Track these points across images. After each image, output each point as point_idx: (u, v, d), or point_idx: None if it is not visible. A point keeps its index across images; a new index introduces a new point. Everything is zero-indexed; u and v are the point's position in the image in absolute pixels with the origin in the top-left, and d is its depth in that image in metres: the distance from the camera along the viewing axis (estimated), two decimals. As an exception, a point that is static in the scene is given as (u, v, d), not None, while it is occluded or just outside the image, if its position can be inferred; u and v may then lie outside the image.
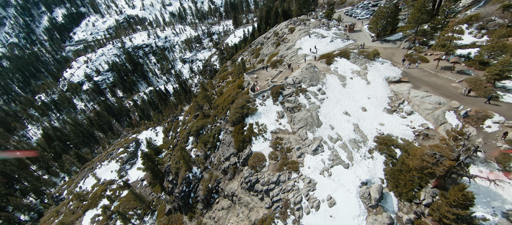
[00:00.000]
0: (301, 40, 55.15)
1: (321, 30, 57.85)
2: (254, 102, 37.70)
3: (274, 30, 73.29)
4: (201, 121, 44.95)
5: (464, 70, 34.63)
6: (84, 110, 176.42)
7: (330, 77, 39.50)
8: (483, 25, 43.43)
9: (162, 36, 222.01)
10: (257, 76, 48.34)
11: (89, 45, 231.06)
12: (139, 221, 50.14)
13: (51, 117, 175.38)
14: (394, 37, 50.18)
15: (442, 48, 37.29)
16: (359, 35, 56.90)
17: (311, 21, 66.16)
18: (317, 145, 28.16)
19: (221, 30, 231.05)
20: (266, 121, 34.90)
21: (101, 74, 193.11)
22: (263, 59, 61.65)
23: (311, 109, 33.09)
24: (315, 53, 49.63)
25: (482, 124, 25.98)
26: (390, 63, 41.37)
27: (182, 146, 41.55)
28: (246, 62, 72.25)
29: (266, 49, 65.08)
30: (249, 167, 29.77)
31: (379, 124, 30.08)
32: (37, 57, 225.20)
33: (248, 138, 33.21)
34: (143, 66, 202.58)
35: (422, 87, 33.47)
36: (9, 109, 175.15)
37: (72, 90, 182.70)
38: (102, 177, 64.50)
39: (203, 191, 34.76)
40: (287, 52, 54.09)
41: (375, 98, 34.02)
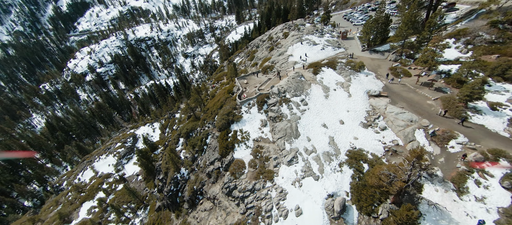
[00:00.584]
0: (293, 46, 56.21)
1: (313, 37, 58.72)
2: (240, 109, 39.43)
3: (269, 34, 74.19)
4: (192, 123, 46.92)
5: (442, 87, 35.78)
6: (87, 101, 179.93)
7: (314, 88, 40.90)
8: (470, 40, 44.13)
9: (164, 30, 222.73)
10: (247, 82, 49.87)
11: (92, 36, 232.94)
12: (132, 215, 53.03)
13: (54, 106, 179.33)
14: (383, 48, 51.02)
15: (424, 64, 38.32)
16: (351, 43, 57.71)
17: (305, 26, 66.88)
18: (292, 156, 29.97)
19: (224, 25, 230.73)
20: (250, 128, 36.70)
21: (104, 66, 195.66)
22: (257, 63, 62.94)
23: (292, 120, 34.75)
24: (305, 61, 50.83)
25: (447, 143, 27.45)
26: (374, 75, 42.53)
27: (172, 147, 43.72)
28: (241, 64, 73.58)
29: (261, 52, 66.25)
30: (229, 173, 31.80)
31: (353, 138, 31.69)
32: (42, 47, 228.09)
33: (231, 144, 35.13)
34: (145, 59, 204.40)
35: (399, 103, 34.81)
36: (15, 97, 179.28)
37: (76, 81, 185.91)
38: (99, 170, 67.48)
39: (188, 192, 37.05)
40: (278, 58, 55.31)
41: (354, 111, 35.49)
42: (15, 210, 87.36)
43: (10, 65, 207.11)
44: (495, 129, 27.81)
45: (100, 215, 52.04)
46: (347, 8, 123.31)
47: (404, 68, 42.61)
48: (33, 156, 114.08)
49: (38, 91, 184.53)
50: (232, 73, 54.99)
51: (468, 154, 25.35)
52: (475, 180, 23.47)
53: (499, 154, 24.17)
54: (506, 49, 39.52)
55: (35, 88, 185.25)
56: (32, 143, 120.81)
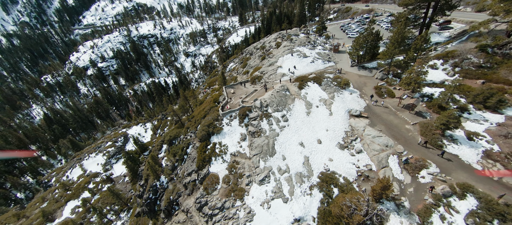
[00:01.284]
0: (283, 57, 55.92)
1: (305, 49, 58.37)
2: (221, 121, 39.27)
3: (264, 42, 73.92)
4: (176, 130, 46.88)
5: (423, 112, 35.32)
6: (87, 95, 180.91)
7: (297, 103, 40.62)
8: (457, 63, 43.54)
9: (168, 28, 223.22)
10: (234, 91, 49.71)
11: (96, 30, 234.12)
12: (115, 217, 53.12)
13: (55, 98, 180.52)
14: (372, 65, 50.55)
15: (407, 86, 37.86)
16: (342, 57, 57.28)
17: (299, 36, 66.52)
18: (265, 175, 29.76)
19: (227, 26, 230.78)
20: (229, 142, 36.53)
21: (106, 61, 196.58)
22: (248, 71, 62.71)
23: (270, 137, 34.52)
24: (293, 74, 50.53)
25: (418, 173, 27.07)
26: (358, 94, 42.14)
27: (154, 154, 43.69)
28: (234, 70, 73.41)
29: (253, 60, 66.02)
30: (203, 188, 31.67)
31: (328, 159, 31.39)
32: (46, 38, 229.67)
33: (208, 157, 34.99)
34: (146, 56, 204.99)
35: (377, 125, 34.42)
36: (16, 88, 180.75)
37: (77, 74, 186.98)
38: (88, 169, 67.76)
39: (165, 201, 36.99)
40: (268, 69, 55.05)
41: (333, 131, 35.16)
42: (7, 202, 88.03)
43: (14, 55, 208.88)
44: (468, 161, 27.36)
45: (82, 216, 52.21)
46: (348, 16, 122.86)
47: (389, 88, 42.14)
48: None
49: (39, 83, 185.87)
50: (221, 82, 54.85)
51: (436, 187, 24.96)
52: (440, 214, 23.10)
53: (468, 189, 23.76)
54: (492, 75, 38.94)
55: (37, 80, 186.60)
56: (29, 134, 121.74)
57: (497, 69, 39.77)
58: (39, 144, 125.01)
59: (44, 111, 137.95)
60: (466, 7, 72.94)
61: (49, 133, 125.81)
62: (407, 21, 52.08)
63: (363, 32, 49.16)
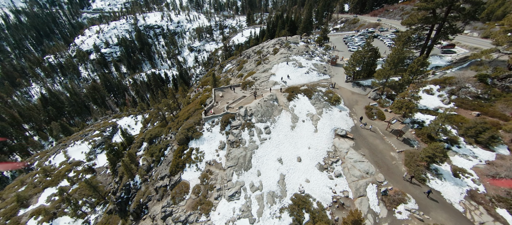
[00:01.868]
0: (278, 65, 54.23)
1: (301, 58, 56.63)
2: (202, 126, 37.71)
3: (262, 46, 72.32)
4: (159, 128, 45.41)
5: (411, 139, 33.48)
6: (87, 80, 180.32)
7: (284, 115, 38.95)
8: (454, 91, 41.62)
9: (175, 20, 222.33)
10: (223, 95, 48.14)
11: (104, 15, 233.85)
12: (90, 210, 51.77)
13: (55, 79, 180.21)
14: (367, 82, 48.70)
15: (398, 110, 36.03)
16: (339, 71, 55.47)
17: (298, 45, 64.80)
18: (236, 190, 28.13)
19: (234, 25, 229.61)
20: (207, 149, 34.96)
21: (110, 47, 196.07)
22: (243, 74, 61.11)
23: (248, 149, 32.88)
24: (285, 83, 48.84)
25: (395, 207, 25.28)
26: (348, 112, 40.35)
27: (131, 152, 42.23)
28: (229, 71, 71.85)
29: (249, 64, 64.40)
30: (171, 196, 30.11)
31: (305, 180, 29.68)
32: (54, 19, 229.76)
33: (182, 163, 33.44)
34: (151, 47, 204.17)
35: (362, 149, 32.63)
36: (17, 64, 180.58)
37: (80, 57, 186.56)
38: (71, 156, 66.55)
39: (134, 204, 35.51)
40: (261, 75, 53.40)
41: (315, 149, 33.44)
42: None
43: (20, 32, 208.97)
44: (450, 200, 25.52)
45: (57, 205, 50.91)
46: (355, 28, 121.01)
47: (380, 110, 40.31)
48: None
49: (41, 62, 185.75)
50: (212, 83, 53.32)
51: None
52: (412, 257, 21.35)
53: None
54: (488, 107, 37.01)
55: (39, 59, 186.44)
56: (23, 113, 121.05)
57: (494, 102, 37.82)
58: (32, 123, 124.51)
59: (41, 91, 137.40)
60: (472, 32, 70.75)
61: (44, 114, 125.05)
62: (408, 41, 50.28)
63: (364, 47, 47.30)
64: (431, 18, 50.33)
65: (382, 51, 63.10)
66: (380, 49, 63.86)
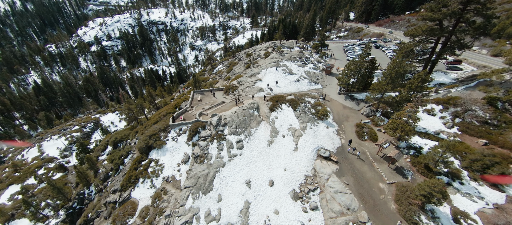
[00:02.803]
0: (267, 70, 49.31)
1: (293, 64, 51.61)
2: (167, 134, 32.89)
3: (254, 49, 67.59)
4: (127, 131, 40.74)
5: (405, 169, 28.17)
6: (86, 71, 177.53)
7: (262, 128, 33.96)
8: (459, 113, 36.23)
9: (179, 18, 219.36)
10: (201, 99, 43.34)
11: (109, 8, 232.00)
12: (53, 213, 47.11)
13: (54, 68, 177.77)
14: (361, 96, 43.45)
15: (393, 132, 30.81)
16: (332, 80, 50.30)
17: (292, 50, 59.82)
18: (186, 220, 23.12)
19: (237, 26, 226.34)
20: (168, 161, 30.10)
21: (111, 40, 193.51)
22: (230, 77, 56.35)
23: (213, 166, 27.91)
24: (271, 91, 43.86)
25: (378, 259, 20.09)
26: (335, 129, 35.17)
27: (92, 156, 37.56)
28: (219, 73, 67.13)
29: (238, 67, 59.61)
30: (112, 218, 25.22)
31: (274, 211, 24.55)
32: (59, 8, 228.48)
33: (136, 177, 28.59)
34: (152, 42, 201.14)
35: (346, 176, 27.42)
36: (18, 51, 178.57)
37: (80, 48, 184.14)
38: (46, 151, 62.25)
39: (82, 218, 30.73)
40: (247, 79, 48.51)
41: (292, 172, 28.32)
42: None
43: (24, 19, 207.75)
44: (448, 254, 20.26)
45: (18, 205, 46.41)
46: (358, 37, 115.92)
47: (373, 129, 35.05)
48: None
49: (42, 51, 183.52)
50: (192, 85, 48.63)
51: None
52: None
53: None
54: (498, 136, 31.58)
55: (40, 47, 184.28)
56: (15, 101, 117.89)
57: (505, 130, 32.38)
58: (23, 112, 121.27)
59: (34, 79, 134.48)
60: (481, 49, 65.14)
61: (35, 103, 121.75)
62: (410, 54, 44.95)
63: (361, 56, 42.11)
64: (437, 30, 45.05)
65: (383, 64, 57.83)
66: (382, 61, 58.65)
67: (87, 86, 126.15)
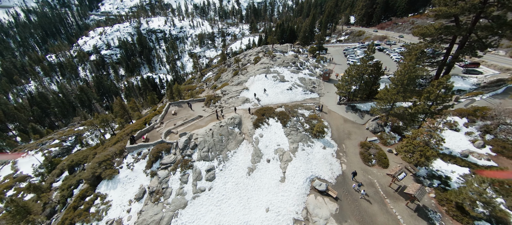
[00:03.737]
0: (255, 77, 42.34)
1: (285, 70, 44.56)
2: (122, 160, 25.91)
3: (245, 54, 60.96)
4: (87, 151, 33.99)
5: (429, 208, 20.43)
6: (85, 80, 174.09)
7: (242, 150, 26.73)
8: (490, 128, 28.42)
9: (178, 26, 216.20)
10: (176, 112, 36.44)
11: (110, 18, 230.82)
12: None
13: (53, 78, 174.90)
14: (366, 107, 35.93)
15: (409, 157, 23.27)
16: (331, 88, 42.97)
17: (285, 54, 52.97)
18: None
19: (237, 32, 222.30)
20: (118, 197, 23.01)
21: (111, 49, 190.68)
22: (217, 85, 49.61)
23: (171, 207, 20.68)
24: (258, 102, 36.78)
25: None
26: (334, 150, 27.68)
27: (38, 184, 30.77)
28: (207, 81, 60.45)
29: (226, 74, 52.89)
30: None
31: None
32: (62, 19, 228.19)
33: (71, 222, 21.51)
34: (151, 50, 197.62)
35: (349, 221, 19.84)
36: (18, 62, 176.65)
37: (80, 58, 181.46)
38: (20, 169, 55.98)
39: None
40: (233, 88, 41.58)
41: (276, 213, 20.87)
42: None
43: (26, 30, 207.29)
44: None
45: (-29, 236, 39.70)
46: (359, 40, 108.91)
47: (382, 150, 27.42)
48: None
49: (42, 61, 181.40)
50: (168, 96, 42.00)
51: None
52: None
53: None
54: (548, 160, 23.67)
55: (40, 57, 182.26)
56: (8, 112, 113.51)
57: (555, 151, 24.47)
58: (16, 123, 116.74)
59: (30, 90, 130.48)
60: (497, 50, 57.27)
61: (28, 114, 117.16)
62: (421, 57, 37.51)
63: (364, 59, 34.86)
64: (453, 28, 37.57)
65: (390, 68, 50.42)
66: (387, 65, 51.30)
67: (81, 96, 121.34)
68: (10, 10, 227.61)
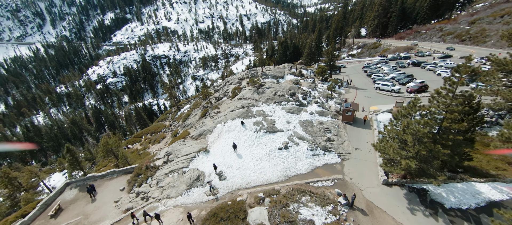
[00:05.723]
0: (225, 127, 23.56)
1: (278, 109, 25.48)
2: None
3: (226, 81, 42.89)
4: None
5: None
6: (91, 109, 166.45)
7: None
8: None
9: (182, 50, 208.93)
10: (60, 207, 18.08)
11: (119, 47, 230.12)
12: None
13: (60, 108, 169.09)
14: (453, 200, 15.39)
15: None
16: (360, 136, 23.10)
17: (282, 80, 34.26)
18: None
19: (240, 53, 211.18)
20: None
21: (117, 77, 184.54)
22: (178, 132, 31.38)
23: None
24: (217, 187, 17.63)
25: None
26: None
27: None
28: (179, 119, 42.47)
29: (194, 115, 34.81)
30: None
31: None
32: (76, 51, 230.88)
33: None
34: (155, 76, 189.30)
35: None
36: (29, 94, 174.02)
37: (87, 87, 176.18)
38: None
39: None
40: (183, 148, 22.91)
41: None
42: None
43: (42, 64, 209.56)
44: None
45: None
46: (376, 54, 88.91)
47: None
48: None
49: (52, 92, 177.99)
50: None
51: None
52: None
53: None
54: None
55: (49, 88, 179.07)
56: None
57: None
58: (9, 159, 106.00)
59: (25, 124, 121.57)
60: None
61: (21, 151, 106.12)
62: None
63: (446, 88, 15.01)
64: None
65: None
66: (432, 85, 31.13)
67: (72, 127, 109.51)
68: (31, 46, 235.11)
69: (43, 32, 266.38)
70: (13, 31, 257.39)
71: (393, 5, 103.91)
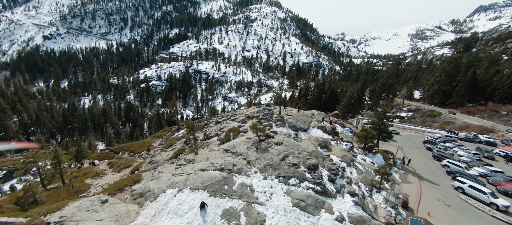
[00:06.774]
0: (172, 202, 12.43)
1: (279, 191, 13.65)
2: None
3: (221, 116, 32.88)
4: None
5: None
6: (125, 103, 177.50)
7: None
8: None
9: (222, 70, 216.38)
10: None
11: (172, 57, 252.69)
12: None
13: (105, 96, 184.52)
14: None
15: None
16: None
17: (307, 133, 22.52)
18: None
19: (276, 85, 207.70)
20: None
21: (160, 81, 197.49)
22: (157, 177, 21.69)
23: None
24: None
25: None
26: None
27: None
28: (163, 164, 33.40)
29: (173, 149, 24.99)
30: None
31: None
32: (139, 52, 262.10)
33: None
34: (191, 88, 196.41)
35: None
36: (88, 78, 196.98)
37: (132, 84, 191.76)
38: None
39: None
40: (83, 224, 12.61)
41: None
42: None
43: (109, 57, 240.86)
44: None
45: None
46: (434, 123, 70.63)
47: None
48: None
49: (105, 81, 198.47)
50: None
51: None
52: None
53: None
54: None
55: (105, 78, 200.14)
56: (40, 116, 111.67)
57: None
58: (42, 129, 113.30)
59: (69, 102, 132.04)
60: None
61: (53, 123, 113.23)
62: None
63: None
64: None
65: None
66: None
67: (99, 117, 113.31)
68: (108, 42, 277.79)
69: (121, 33, 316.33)
70: (101, 28, 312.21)
71: (461, 74, 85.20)
